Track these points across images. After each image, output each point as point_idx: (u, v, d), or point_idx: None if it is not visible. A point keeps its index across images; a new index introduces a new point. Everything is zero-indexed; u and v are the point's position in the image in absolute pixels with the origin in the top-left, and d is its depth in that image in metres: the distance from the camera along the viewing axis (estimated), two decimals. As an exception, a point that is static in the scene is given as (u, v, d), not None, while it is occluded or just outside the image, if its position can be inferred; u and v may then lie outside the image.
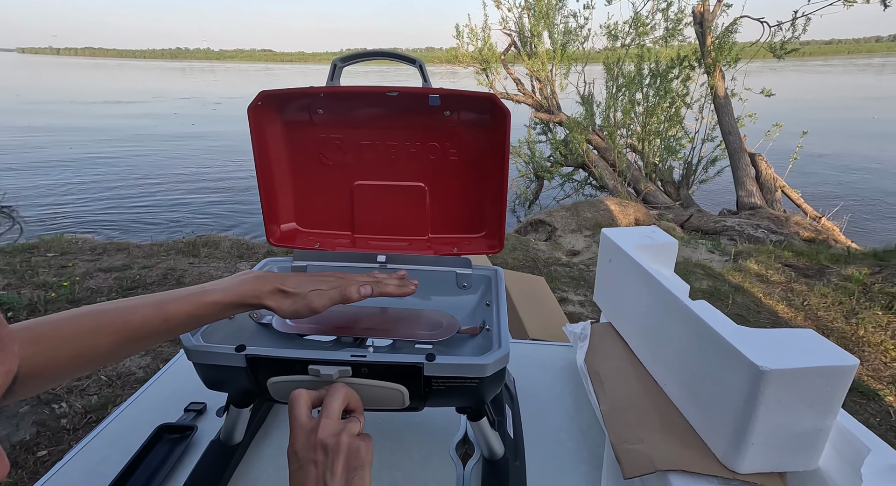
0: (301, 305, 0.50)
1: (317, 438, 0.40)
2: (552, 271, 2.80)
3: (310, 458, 0.39)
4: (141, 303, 0.45)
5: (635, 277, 0.74)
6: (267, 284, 0.49)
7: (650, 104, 6.51)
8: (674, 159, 6.61)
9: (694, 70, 6.18)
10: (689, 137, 6.52)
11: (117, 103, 16.14)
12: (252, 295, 0.49)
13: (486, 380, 0.49)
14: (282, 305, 0.50)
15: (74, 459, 0.61)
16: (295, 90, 0.64)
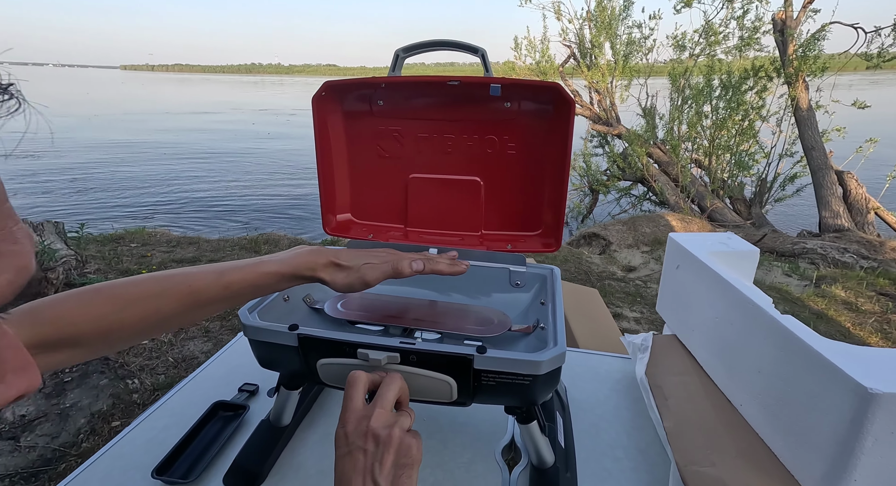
0: (354, 278, 0.50)
1: (369, 426, 0.38)
2: (606, 286, 2.66)
3: (359, 445, 0.38)
4: (203, 270, 0.46)
5: (708, 285, 0.67)
6: (321, 257, 0.50)
7: (720, 117, 6.12)
8: (745, 176, 6.14)
9: (772, 81, 5.75)
10: (763, 152, 6.04)
11: (204, 114, 17.65)
12: (307, 267, 0.49)
13: (539, 379, 0.46)
14: (335, 278, 0.50)
15: (141, 425, 0.64)
16: (357, 80, 0.65)
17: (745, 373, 0.58)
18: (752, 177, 6.13)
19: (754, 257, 0.73)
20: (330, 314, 0.61)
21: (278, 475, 0.57)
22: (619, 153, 6.71)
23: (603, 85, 6.86)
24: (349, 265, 0.51)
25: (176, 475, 0.55)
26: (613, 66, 6.79)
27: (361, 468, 0.37)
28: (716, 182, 6.16)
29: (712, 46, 6.20)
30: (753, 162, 6.03)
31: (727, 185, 6.15)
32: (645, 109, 6.62)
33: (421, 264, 0.53)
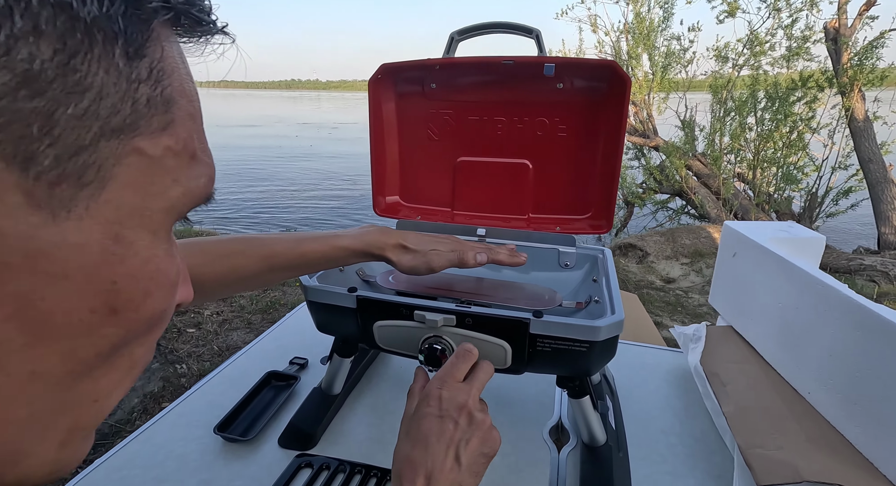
0: (420, 262, 0.51)
1: (468, 402, 0.39)
2: (644, 294, 2.58)
3: (452, 415, 0.38)
4: (283, 237, 0.49)
5: (770, 271, 0.65)
6: (391, 238, 0.51)
7: (765, 129, 5.89)
8: (794, 190, 5.85)
9: (823, 91, 5.49)
10: (814, 165, 5.75)
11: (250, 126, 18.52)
12: (377, 246, 0.51)
13: (596, 346, 0.46)
14: (402, 259, 0.51)
15: (202, 389, 0.67)
16: (412, 62, 0.67)
17: (814, 359, 0.55)
18: (800, 191, 5.83)
19: (820, 243, 0.70)
20: (382, 285, 0.63)
21: (329, 439, 0.58)
22: (656, 165, 6.55)
23: (640, 97, 6.75)
24: (416, 249, 0.52)
25: (235, 432, 0.58)
26: (651, 78, 6.68)
27: (448, 438, 0.36)
28: (761, 196, 5.90)
29: (757, 57, 6.00)
30: (803, 175, 5.74)
31: (773, 199, 5.87)
32: (684, 121, 6.45)
33: (485, 256, 0.55)
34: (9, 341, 0.14)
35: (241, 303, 2.21)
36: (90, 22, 0.13)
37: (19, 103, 0.12)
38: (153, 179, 0.16)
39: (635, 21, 6.59)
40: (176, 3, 0.16)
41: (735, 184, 6.11)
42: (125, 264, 0.16)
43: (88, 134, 0.14)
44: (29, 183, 0.13)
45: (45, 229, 0.13)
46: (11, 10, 0.11)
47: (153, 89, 0.16)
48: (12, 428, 0.15)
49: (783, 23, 5.83)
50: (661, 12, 6.49)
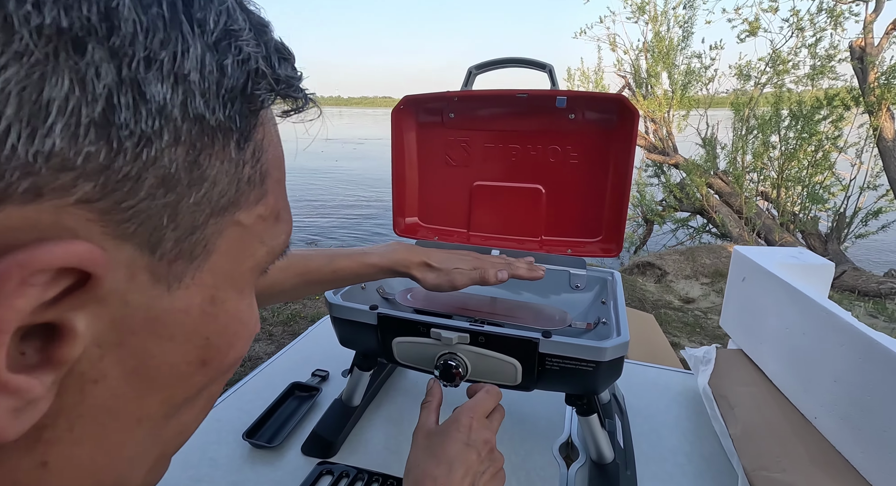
0: (444, 280, 0.54)
1: (491, 439, 0.42)
2: (662, 314, 2.55)
3: (478, 447, 0.40)
4: (317, 253, 0.53)
5: (779, 296, 0.66)
6: (415, 256, 0.55)
7: (789, 147, 5.78)
8: (820, 210, 5.71)
9: (849, 110, 5.39)
10: (841, 185, 5.61)
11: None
12: (403, 263, 0.54)
13: (602, 366, 0.48)
14: (426, 277, 0.54)
15: (231, 396, 0.72)
16: (433, 94, 0.72)
17: (820, 383, 0.57)
18: (827, 211, 5.68)
19: (828, 271, 0.71)
20: (400, 303, 0.67)
21: (349, 448, 0.62)
22: (675, 183, 6.49)
23: (660, 115, 6.74)
24: (440, 267, 0.55)
25: (262, 439, 0.62)
26: (671, 96, 6.67)
27: (470, 466, 0.39)
28: (785, 215, 5.77)
29: (780, 75, 5.94)
30: (829, 195, 5.61)
31: (798, 218, 5.74)
32: (705, 139, 6.40)
33: (506, 274, 0.57)
34: (125, 394, 0.15)
35: (263, 314, 2.28)
36: (216, 125, 0.15)
37: (157, 201, 0.14)
38: (245, 245, 0.18)
39: (654, 40, 6.62)
40: (279, 89, 0.17)
41: (758, 203, 6.00)
42: (217, 321, 0.18)
43: (202, 216, 0.15)
44: (154, 263, 0.15)
45: (160, 300, 0.15)
46: (162, 129, 0.13)
47: (253, 168, 0.17)
48: (121, 465, 0.17)
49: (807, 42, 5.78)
50: (681, 31, 6.50)
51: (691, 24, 6.50)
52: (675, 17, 6.53)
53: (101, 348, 0.14)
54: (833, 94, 5.52)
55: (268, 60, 0.16)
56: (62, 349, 0.13)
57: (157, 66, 0.13)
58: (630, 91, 7.10)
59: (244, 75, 0.15)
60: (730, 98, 6.41)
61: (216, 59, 0.14)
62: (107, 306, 0.14)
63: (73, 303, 0.13)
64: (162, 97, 0.13)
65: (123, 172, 0.13)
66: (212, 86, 0.14)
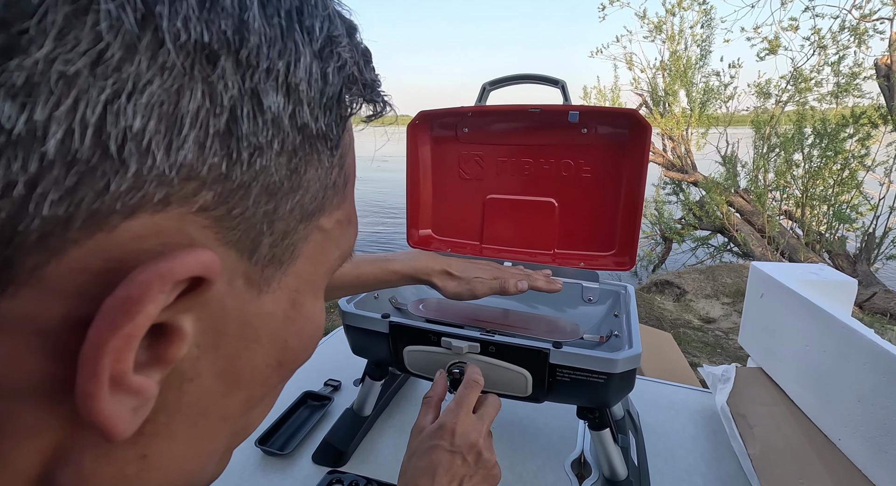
0: (465, 289, 0.55)
1: (478, 441, 0.40)
2: (681, 333, 2.49)
3: (462, 452, 0.39)
4: None
5: (799, 313, 0.65)
6: (437, 264, 0.56)
7: (814, 166, 5.65)
8: (848, 230, 5.53)
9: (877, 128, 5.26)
10: (870, 204, 5.44)
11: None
12: (424, 271, 0.55)
13: (614, 378, 0.48)
14: (447, 285, 0.55)
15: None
16: (447, 110, 0.74)
17: (843, 403, 0.55)
18: (855, 231, 5.50)
19: (851, 288, 0.69)
20: (413, 312, 0.67)
21: (359, 458, 0.62)
22: (695, 201, 6.39)
23: (678, 132, 6.69)
24: (461, 276, 0.56)
25: (274, 446, 0.62)
26: (689, 114, 6.63)
27: (454, 473, 0.38)
28: (811, 235, 5.61)
29: (802, 93, 5.86)
30: (857, 215, 5.44)
31: (824, 238, 5.56)
32: (725, 157, 6.31)
33: (525, 284, 0.57)
34: (214, 393, 0.16)
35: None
36: (316, 134, 0.15)
37: (259, 208, 0.14)
38: (324, 249, 0.18)
39: (671, 59, 6.63)
40: (366, 94, 0.17)
41: (782, 222, 5.85)
42: (296, 324, 0.18)
43: (293, 222, 0.16)
44: (251, 268, 0.15)
45: (251, 304, 0.15)
46: (273, 139, 0.13)
47: (339, 173, 0.17)
48: (204, 458, 0.18)
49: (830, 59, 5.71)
50: (699, 50, 6.50)
51: (709, 42, 6.49)
52: (692, 36, 6.53)
53: (199, 348, 0.15)
54: (859, 111, 5.41)
55: (358, 65, 0.16)
56: (171, 349, 0.13)
57: (273, 77, 0.13)
58: (647, 109, 7.09)
59: (342, 82, 0.15)
60: (750, 116, 6.33)
61: (320, 67, 0.14)
62: (208, 309, 0.14)
63: (185, 306, 0.13)
64: (277, 107, 0.13)
65: (238, 181, 0.13)
66: (316, 94, 0.14)
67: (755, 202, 5.96)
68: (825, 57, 5.76)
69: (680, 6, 6.56)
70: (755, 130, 6.10)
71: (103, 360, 0.11)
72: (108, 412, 0.12)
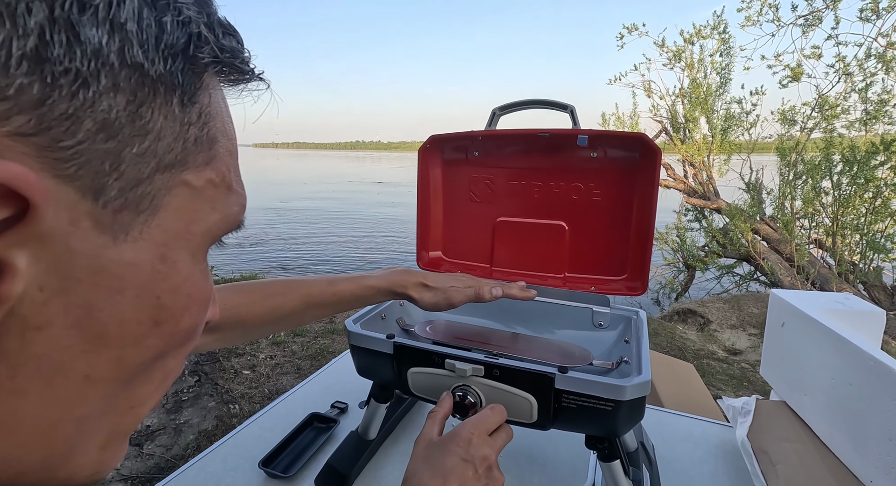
0: (440, 298, 0.56)
1: (491, 456, 0.40)
2: (704, 365, 2.38)
3: (475, 463, 0.39)
4: (318, 279, 0.54)
5: (822, 344, 0.62)
6: (412, 277, 0.57)
7: (843, 194, 5.48)
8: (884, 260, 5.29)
9: (910, 155, 5.09)
10: (905, 234, 5.21)
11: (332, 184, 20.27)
12: (400, 284, 0.56)
13: (622, 405, 0.46)
14: (423, 296, 0.56)
15: (252, 424, 0.73)
16: (458, 134, 0.76)
17: (874, 442, 0.51)
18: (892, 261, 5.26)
19: (879, 319, 0.66)
20: (419, 334, 0.67)
21: (363, 482, 0.61)
22: (718, 228, 6.24)
23: (699, 159, 6.62)
24: (436, 286, 0.57)
25: (277, 468, 0.62)
26: (710, 140, 6.57)
27: (465, 481, 0.37)
28: (843, 265, 5.38)
29: (829, 120, 5.74)
30: (893, 244, 5.21)
31: (858, 268, 5.33)
32: (749, 184, 6.19)
33: (500, 290, 0.59)
34: (71, 347, 0.15)
35: (292, 348, 2.31)
36: (156, 77, 0.16)
37: (97, 145, 0.14)
38: (196, 207, 0.18)
39: (691, 86, 6.63)
40: (223, 58, 0.18)
41: (812, 251, 5.65)
42: (169, 281, 0.18)
43: (147, 169, 0.16)
44: (98, 210, 0.15)
45: (107, 250, 0.15)
46: (99, 71, 0.14)
47: (200, 130, 0.18)
48: (69, 426, 0.17)
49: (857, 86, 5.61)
50: (719, 78, 6.49)
51: (729, 70, 6.48)
52: (712, 64, 6.54)
53: (44, 292, 0.14)
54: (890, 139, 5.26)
55: (210, 29, 0.17)
56: (1, 286, 0.13)
57: (91, 11, 0.14)
58: (667, 135, 7.06)
59: (185, 36, 0.16)
60: (774, 143, 6.22)
61: (154, 16, 0.15)
62: (48, 247, 0.14)
63: (13, 238, 0.13)
64: (97, 40, 0.14)
65: (60, 109, 0.13)
66: (150, 38, 0.15)
67: (782, 230, 5.78)
68: (851, 84, 5.67)
69: (699, 36, 6.60)
70: (780, 157, 5.99)
71: None
72: None
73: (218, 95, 0.19)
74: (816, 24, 5.46)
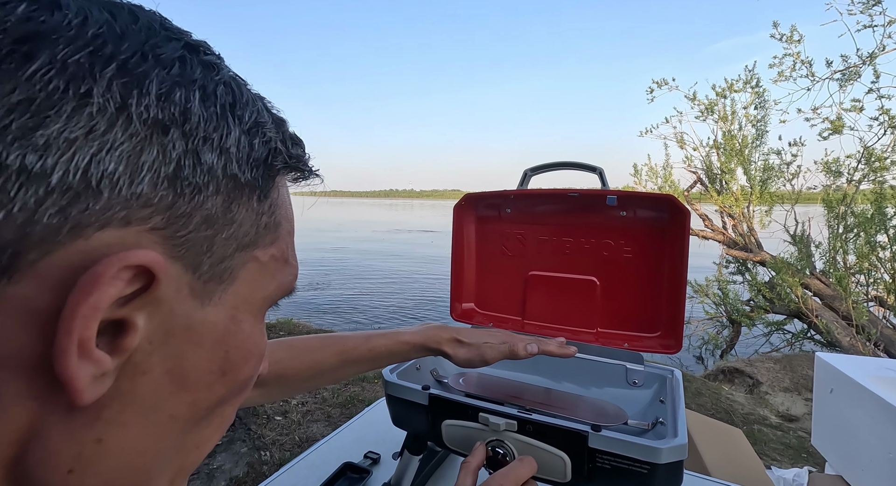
0: (474, 354, 0.57)
1: None
2: (755, 431, 2.19)
3: None
4: (354, 335, 0.56)
5: (876, 415, 0.59)
6: (446, 332, 0.58)
7: (901, 248, 5.14)
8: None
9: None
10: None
11: (377, 232, 20.87)
12: (434, 340, 0.57)
13: (658, 469, 0.46)
14: (457, 352, 0.57)
15: (281, 476, 0.74)
16: (492, 193, 0.81)
17: (941, 526, 0.48)
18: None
19: (938, 387, 0.62)
20: (452, 386, 0.68)
21: (392, 538, 0.60)
22: (763, 282, 5.93)
23: (738, 210, 6.44)
24: (470, 342, 0.58)
25: (309, 516, 0.62)
26: (749, 191, 6.41)
27: None
28: (909, 324, 4.94)
29: (878, 172, 5.52)
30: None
31: (928, 328, 4.87)
32: (795, 236, 5.91)
33: (535, 347, 0.59)
34: (163, 390, 0.19)
35: (323, 395, 2.32)
36: (244, 183, 0.20)
37: (200, 233, 0.19)
38: (260, 278, 0.22)
39: (725, 138, 6.59)
40: (291, 163, 0.23)
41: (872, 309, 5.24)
42: (236, 337, 0.21)
43: (230, 249, 0.20)
44: (194, 281, 0.19)
45: (196, 312, 0.19)
46: (209, 182, 0.19)
47: (269, 217, 0.22)
48: (152, 458, 0.20)
49: (902, 136, 5.42)
50: (754, 130, 6.43)
51: (765, 122, 6.42)
52: (746, 117, 6.51)
53: (151, 344, 0.18)
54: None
55: (284, 143, 0.22)
56: (126, 339, 0.17)
57: (209, 143, 0.19)
58: (702, 186, 6.94)
59: (266, 150, 0.21)
60: (819, 194, 5.99)
61: (248, 139, 0.20)
62: (159, 310, 0.18)
63: (138, 304, 0.17)
64: (212, 162, 0.19)
65: (181, 210, 0.18)
66: (244, 156, 0.20)
67: (835, 286, 5.42)
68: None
69: (731, 89, 6.65)
70: (827, 209, 5.74)
71: (75, 322, 0.15)
72: (74, 372, 0.16)
73: (284, 190, 0.24)
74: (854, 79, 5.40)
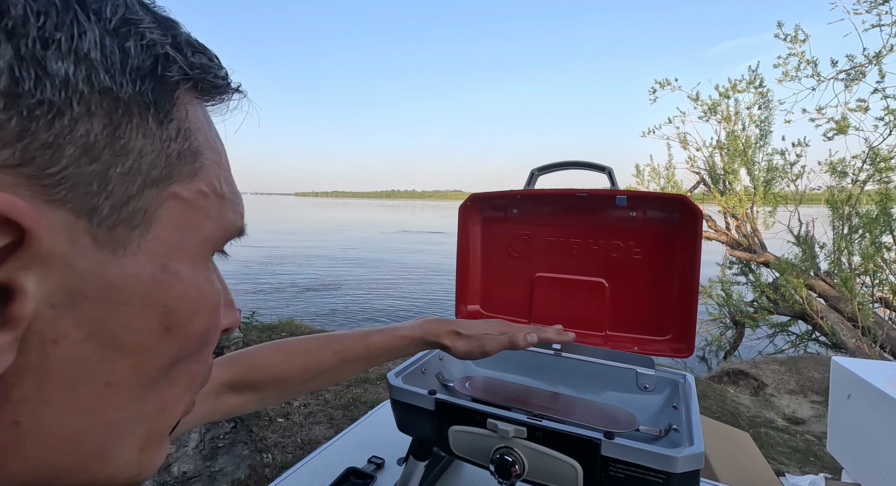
0: (474, 346, 0.55)
1: None
2: (762, 434, 2.16)
3: None
4: (351, 333, 0.54)
5: (894, 421, 0.57)
6: (445, 325, 0.56)
7: (906, 249, 5.10)
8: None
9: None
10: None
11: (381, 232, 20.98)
12: (433, 333, 0.55)
13: (674, 479, 0.44)
14: (456, 344, 0.55)
15: (285, 481, 0.72)
16: (498, 193, 0.79)
17: (968, 538, 0.46)
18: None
19: (959, 392, 0.60)
20: (458, 390, 0.67)
21: (397, 546, 0.59)
22: (767, 283, 5.89)
23: (741, 210, 6.40)
24: (469, 334, 0.56)
25: (311, 523, 0.61)
26: (752, 192, 6.37)
27: None
28: (916, 326, 4.90)
29: (883, 173, 5.48)
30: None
31: (935, 330, 4.83)
32: (799, 237, 5.88)
33: (535, 336, 0.58)
34: (88, 357, 0.17)
35: (325, 397, 2.31)
36: (127, 99, 0.17)
37: (82, 168, 0.15)
38: (189, 218, 0.19)
39: (728, 139, 6.56)
40: (194, 74, 0.19)
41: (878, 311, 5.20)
42: (173, 289, 0.19)
43: (134, 186, 0.17)
44: (94, 229, 0.16)
45: (109, 265, 0.17)
46: (71, 99, 0.15)
47: (182, 145, 0.19)
48: (99, 430, 0.18)
49: (910, 138, 5.38)
50: (758, 131, 6.39)
51: (769, 123, 6.39)
52: (749, 117, 6.49)
53: (55, 309, 0.15)
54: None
55: (177, 48, 0.19)
56: (14, 307, 0.14)
57: (54, 46, 0.15)
58: (705, 187, 6.91)
59: (151, 58, 0.17)
60: (824, 195, 5.95)
61: (116, 42, 0.16)
62: (52, 267, 0.15)
63: (16, 263, 0.14)
64: (64, 72, 0.15)
65: (41, 139, 0.14)
66: (115, 64, 0.16)
67: (840, 287, 5.39)
68: (903, 135, 5.44)
69: (734, 90, 6.62)
70: (831, 210, 5.70)
71: None
72: None
73: (197, 110, 0.20)
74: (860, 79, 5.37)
